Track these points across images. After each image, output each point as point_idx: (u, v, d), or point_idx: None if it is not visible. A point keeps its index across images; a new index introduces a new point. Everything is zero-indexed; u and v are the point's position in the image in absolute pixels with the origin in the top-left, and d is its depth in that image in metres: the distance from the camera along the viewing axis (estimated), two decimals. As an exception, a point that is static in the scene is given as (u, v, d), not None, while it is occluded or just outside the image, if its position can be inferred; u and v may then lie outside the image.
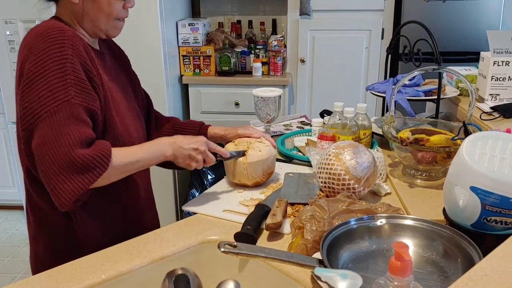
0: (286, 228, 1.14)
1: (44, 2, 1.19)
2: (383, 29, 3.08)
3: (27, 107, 1.02)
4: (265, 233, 1.13)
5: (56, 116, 1.00)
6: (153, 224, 1.33)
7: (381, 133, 1.58)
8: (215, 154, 1.27)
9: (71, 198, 1.00)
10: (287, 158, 1.61)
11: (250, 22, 3.38)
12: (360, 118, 1.55)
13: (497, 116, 1.71)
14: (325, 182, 1.25)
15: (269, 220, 1.12)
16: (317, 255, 0.92)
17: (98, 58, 1.17)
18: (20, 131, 1.06)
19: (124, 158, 1.10)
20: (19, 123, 1.10)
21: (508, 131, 1.44)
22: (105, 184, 1.09)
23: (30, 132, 1.03)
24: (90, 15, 1.14)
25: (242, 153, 1.35)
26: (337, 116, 1.57)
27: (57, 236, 1.15)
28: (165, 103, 2.83)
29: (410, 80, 1.76)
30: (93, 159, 1.01)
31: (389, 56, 1.93)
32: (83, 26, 1.16)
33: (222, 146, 1.40)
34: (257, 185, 1.38)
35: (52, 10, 1.21)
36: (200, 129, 1.45)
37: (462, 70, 2.11)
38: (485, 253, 0.77)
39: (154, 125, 1.44)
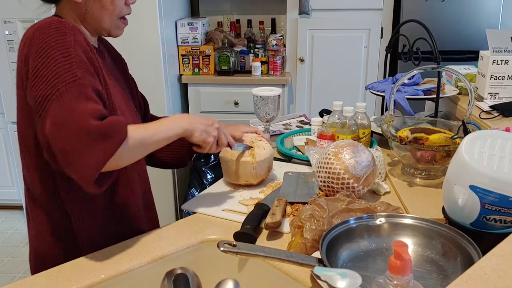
0: (286, 227, 1.14)
1: (45, 4, 1.18)
2: (382, 28, 3.08)
3: (36, 95, 0.99)
4: (265, 232, 1.13)
5: (65, 96, 0.97)
6: (153, 224, 1.33)
7: (380, 132, 1.58)
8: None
9: (95, 171, 0.95)
10: (287, 157, 1.61)
11: (249, 21, 3.38)
12: (359, 117, 1.55)
13: (496, 115, 1.71)
14: (324, 181, 1.25)
15: (268, 220, 1.12)
16: (317, 254, 0.92)
17: (99, 55, 1.17)
18: (36, 121, 1.03)
19: (141, 131, 1.06)
20: (21, 121, 1.09)
21: (507, 129, 1.44)
22: (127, 162, 1.05)
23: (44, 119, 0.99)
24: (93, 13, 1.13)
25: (248, 147, 1.36)
26: (336, 115, 1.57)
27: (57, 235, 1.15)
28: (164, 103, 2.83)
29: (409, 79, 1.76)
30: (109, 126, 0.97)
31: (388, 55, 1.93)
32: (85, 25, 1.15)
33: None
34: (260, 183, 1.39)
35: (52, 11, 1.21)
36: None
37: (461, 69, 2.11)
38: (484, 252, 0.77)
39: None
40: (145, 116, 1.45)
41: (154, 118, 1.48)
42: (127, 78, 1.36)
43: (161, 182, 2.84)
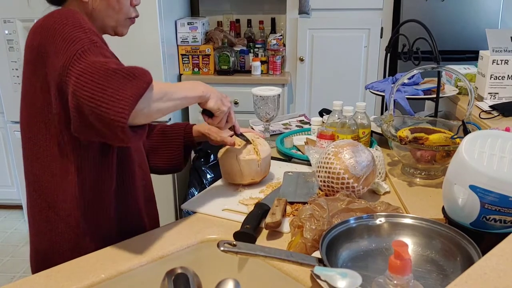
0: (286, 227, 1.14)
1: (51, 6, 1.19)
2: (382, 28, 3.08)
3: (60, 65, 0.99)
4: (265, 232, 1.13)
5: (85, 55, 0.97)
6: (153, 225, 1.33)
7: (380, 132, 1.58)
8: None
9: (129, 106, 0.92)
10: (286, 157, 1.61)
11: (249, 21, 3.38)
12: (359, 117, 1.55)
13: (496, 114, 1.71)
14: (324, 181, 1.25)
15: (268, 219, 1.12)
16: (317, 254, 0.92)
17: None
18: (61, 85, 1.02)
19: (164, 84, 1.07)
20: (25, 111, 1.11)
21: (507, 129, 1.44)
22: (153, 112, 1.01)
23: (68, 82, 0.98)
24: (100, 12, 1.15)
25: (248, 140, 1.36)
26: (336, 115, 1.57)
27: (57, 234, 1.15)
28: (164, 102, 2.82)
29: (409, 78, 1.76)
30: (134, 69, 0.97)
31: (388, 55, 1.93)
32: (91, 23, 1.15)
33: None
34: (261, 180, 1.41)
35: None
36: (185, 128, 1.45)
37: (461, 68, 2.11)
38: (484, 252, 0.77)
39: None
40: None
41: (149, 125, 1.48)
42: None
43: (161, 182, 2.84)
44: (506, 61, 1.80)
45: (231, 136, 1.37)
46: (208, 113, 1.20)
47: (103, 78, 0.93)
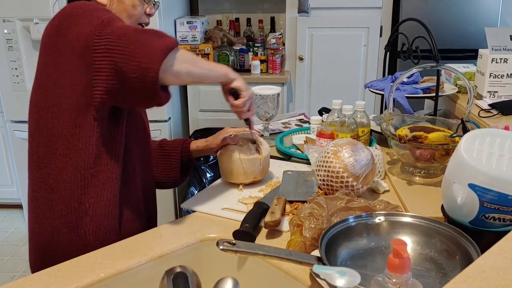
0: (285, 225, 1.14)
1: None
2: (381, 27, 3.08)
3: (88, 29, 1.04)
4: (264, 231, 1.14)
5: (113, 21, 1.04)
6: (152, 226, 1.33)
7: (379, 130, 1.58)
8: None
9: (160, 56, 0.98)
10: (286, 156, 1.61)
11: (248, 20, 3.37)
12: (358, 115, 1.55)
13: (495, 113, 1.71)
14: (323, 180, 1.25)
15: (267, 218, 1.12)
16: (316, 253, 0.93)
17: None
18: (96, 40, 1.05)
19: (190, 53, 1.14)
20: (36, 92, 1.14)
21: (506, 128, 1.44)
22: (182, 74, 1.07)
23: (102, 34, 1.03)
24: (115, 13, 1.16)
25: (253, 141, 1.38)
26: (336, 114, 1.57)
27: (58, 216, 1.14)
28: (164, 101, 2.82)
29: (408, 77, 1.76)
30: (161, 31, 1.05)
31: (388, 53, 1.93)
32: None
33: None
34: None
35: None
36: (183, 143, 1.47)
37: (461, 67, 2.11)
38: (483, 250, 0.77)
39: None
40: None
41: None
42: None
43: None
44: (505, 60, 1.80)
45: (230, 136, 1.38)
46: (233, 94, 1.22)
47: (134, 34, 1.01)
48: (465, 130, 1.31)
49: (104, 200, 1.15)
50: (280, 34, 3.17)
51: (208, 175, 2.76)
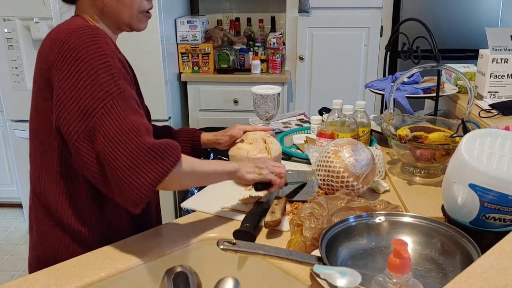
0: (285, 225, 1.14)
1: (65, 4, 1.17)
2: (381, 27, 3.08)
3: (79, 108, 0.97)
4: (264, 231, 1.13)
5: (114, 110, 0.96)
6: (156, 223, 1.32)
7: (380, 130, 1.58)
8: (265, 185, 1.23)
9: (149, 190, 0.95)
10: (286, 156, 1.61)
11: (248, 20, 3.37)
12: (359, 115, 1.55)
13: (495, 113, 1.71)
14: (324, 180, 1.25)
15: (268, 218, 1.12)
16: (316, 252, 0.93)
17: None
18: (79, 132, 0.99)
19: (193, 159, 1.08)
20: (41, 125, 1.07)
21: (506, 128, 1.44)
22: (175, 186, 1.07)
23: (91, 132, 0.97)
24: (111, 8, 1.11)
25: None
26: (336, 114, 1.57)
27: (64, 241, 1.12)
28: (164, 101, 2.83)
29: (409, 77, 1.76)
30: (164, 146, 0.98)
31: (388, 53, 1.93)
32: (105, 21, 1.14)
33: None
34: None
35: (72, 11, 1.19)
36: (193, 136, 1.45)
37: (461, 67, 2.11)
38: (483, 250, 0.77)
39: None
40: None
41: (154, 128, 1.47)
42: (138, 85, 1.32)
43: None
44: (506, 60, 1.80)
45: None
46: (261, 187, 1.21)
47: (131, 155, 0.94)
48: (466, 130, 1.31)
49: (83, 200, 1.12)
50: (281, 34, 3.17)
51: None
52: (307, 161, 1.51)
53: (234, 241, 0.88)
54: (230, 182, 1.40)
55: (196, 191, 2.63)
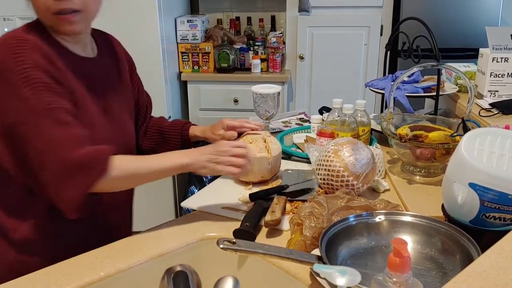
0: (285, 224, 1.14)
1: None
2: (382, 26, 3.07)
3: (7, 122, 1.01)
4: (264, 230, 1.13)
5: (40, 126, 0.98)
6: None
7: (380, 129, 1.58)
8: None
9: (74, 203, 1.01)
10: (286, 155, 1.61)
11: (249, 19, 3.37)
12: (359, 114, 1.55)
13: (496, 112, 1.71)
14: (324, 179, 1.25)
15: (268, 217, 1.12)
16: (316, 252, 0.93)
17: (71, 63, 1.10)
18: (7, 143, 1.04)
19: (134, 161, 1.10)
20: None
21: (506, 127, 1.44)
22: (113, 189, 1.09)
23: (23, 146, 1.01)
24: (37, 13, 1.08)
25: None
26: (336, 113, 1.57)
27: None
28: (164, 100, 2.83)
29: (409, 76, 1.76)
30: (91, 158, 1.00)
31: (388, 52, 1.93)
32: (46, 25, 1.10)
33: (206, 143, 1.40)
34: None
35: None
36: (182, 130, 1.43)
37: (461, 66, 2.11)
38: (483, 250, 0.77)
39: (144, 131, 1.43)
40: (145, 121, 1.43)
41: (154, 119, 1.46)
42: (122, 80, 1.30)
43: (161, 180, 2.83)
44: (506, 59, 1.80)
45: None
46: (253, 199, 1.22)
47: (56, 171, 0.99)
48: (466, 129, 1.31)
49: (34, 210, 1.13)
50: (281, 33, 3.17)
51: (208, 174, 2.75)
52: (307, 160, 1.51)
53: (234, 240, 0.88)
54: (230, 182, 1.40)
55: (197, 191, 2.64)
